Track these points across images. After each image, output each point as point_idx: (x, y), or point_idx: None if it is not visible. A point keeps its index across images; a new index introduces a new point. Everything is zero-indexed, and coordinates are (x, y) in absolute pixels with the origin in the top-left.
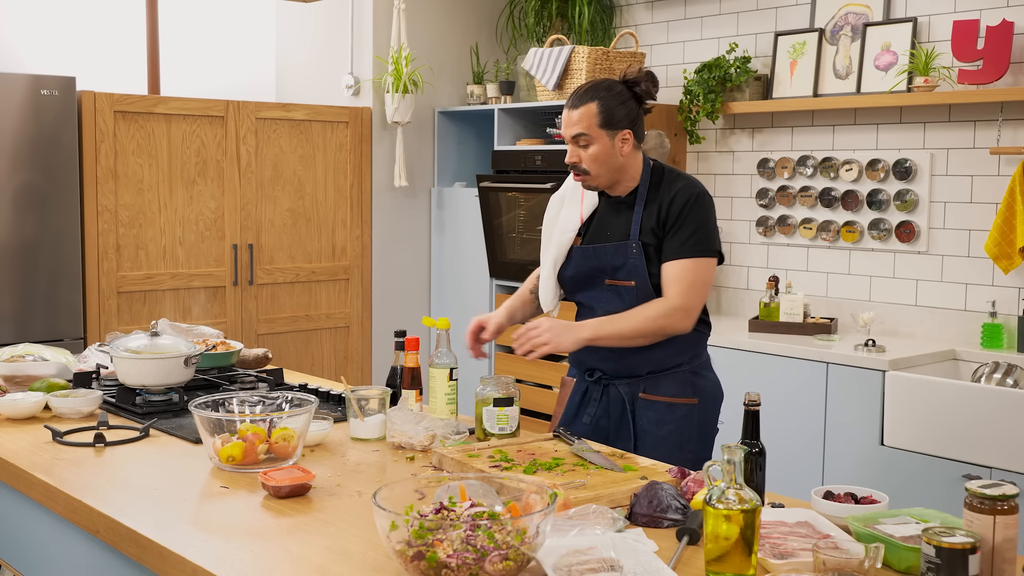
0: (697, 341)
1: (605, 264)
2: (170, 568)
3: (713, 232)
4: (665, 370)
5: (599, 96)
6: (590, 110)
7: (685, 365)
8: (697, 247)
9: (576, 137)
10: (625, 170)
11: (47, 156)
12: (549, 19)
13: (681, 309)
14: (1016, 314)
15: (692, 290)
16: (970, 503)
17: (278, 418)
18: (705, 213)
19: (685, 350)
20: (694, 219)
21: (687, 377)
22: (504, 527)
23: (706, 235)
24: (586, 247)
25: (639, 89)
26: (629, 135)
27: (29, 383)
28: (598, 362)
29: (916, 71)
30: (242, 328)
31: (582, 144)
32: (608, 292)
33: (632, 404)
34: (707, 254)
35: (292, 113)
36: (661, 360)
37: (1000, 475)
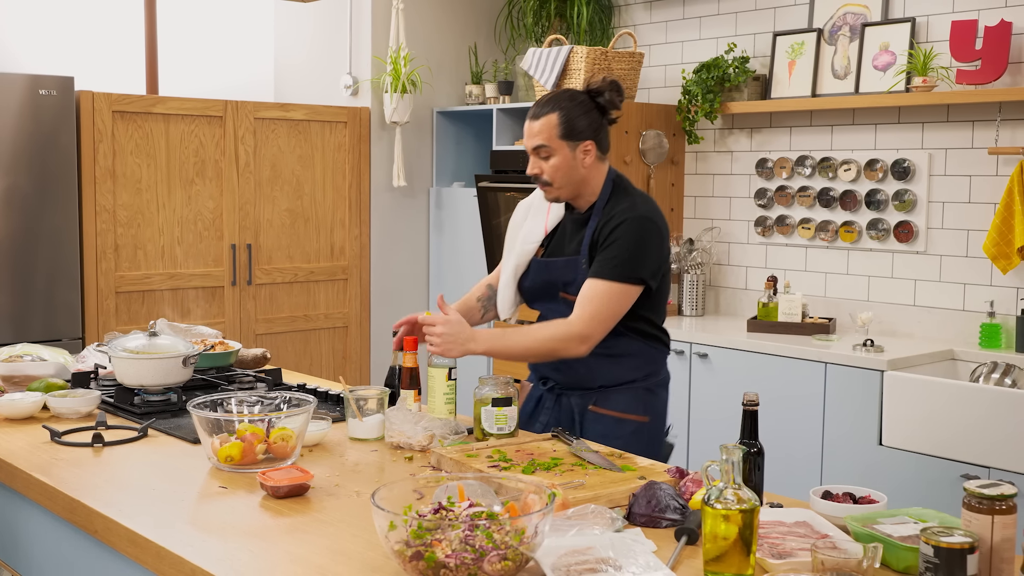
0: (656, 358)
1: (557, 278)
2: (168, 568)
3: (639, 258)
4: (617, 385)
5: (560, 106)
6: (551, 121)
7: (639, 382)
8: (615, 271)
9: (537, 148)
10: (587, 182)
11: (45, 156)
12: (547, 19)
13: (578, 336)
14: (1014, 314)
15: (596, 317)
16: (968, 503)
17: (276, 418)
18: (636, 238)
19: (641, 367)
20: (622, 242)
21: (640, 394)
22: (503, 527)
23: (629, 260)
24: (542, 260)
25: (602, 99)
26: (591, 146)
27: (27, 383)
28: (550, 371)
29: (914, 71)
30: (240, 328)
31: (543, 156)
32: (563, 304)
33: (582, 416)
34: (624, 279)
35: (290, 113)
36: (614, 375)
37: (998, 475)
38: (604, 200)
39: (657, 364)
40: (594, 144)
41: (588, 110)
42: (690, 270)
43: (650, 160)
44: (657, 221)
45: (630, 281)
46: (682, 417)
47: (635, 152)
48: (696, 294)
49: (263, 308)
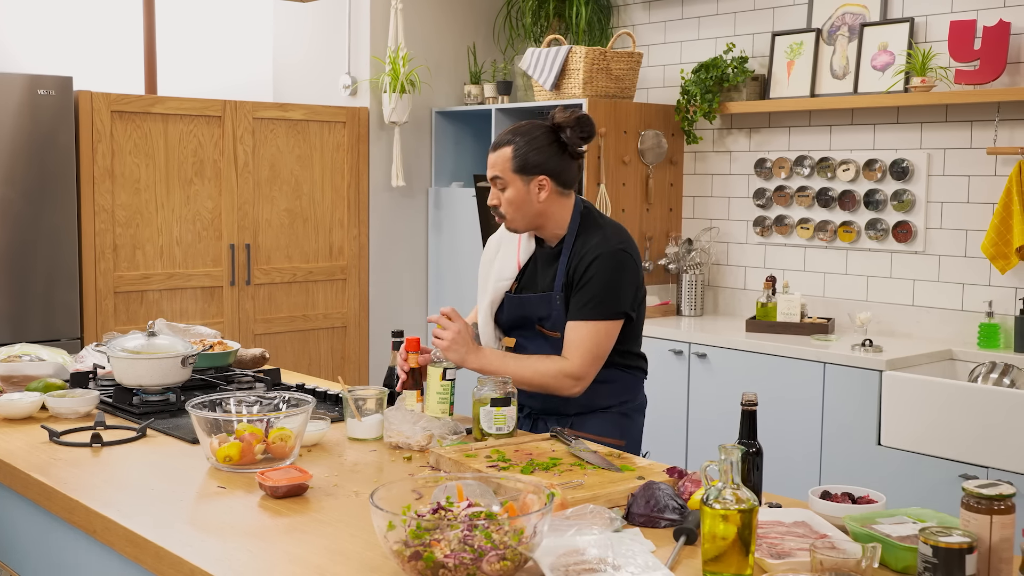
0: (632, 384)
1: (531, 313)
2: (167, 568)
3: (618, 293)
4: (593, 411)
5: (515, 140)
6: (504, 154)
7: (615, 408)
8: (597, 310)
9: (493, 179)
10: (547, 216)
11: (44, 156)
12: (546, 19)
13: (574, 376)
14: (1013, 314)
15: (588, 357)
16: (967, 503)
17: (275, 418)
18: (612, 273)
19: (617, 393)
20: (598, 280)
21: (615, 419)
22: (501, 527)
23: (608, 297)
24: (515, 296)
25: (564, 136)
26: (546, 181)
27: (26, 383)
28: (526, 399)
29: (913, 71)
30: (239, 328)
31: (499, 187)
32: (540, 337)
33: None
34: (608, 316)
35: (289, 113)
36: (590, 402)
37: (997, 475)
38: (574, 234)
39: (633, 390)
40: (549, 179)
41: (543, 145)
42: (689, 270)
43: (649, 160)
44: (629, 251)
45: (613, 317)
46: (680, 417)
47: (634, 152)
48: (695, 294)
49: (262, 308)
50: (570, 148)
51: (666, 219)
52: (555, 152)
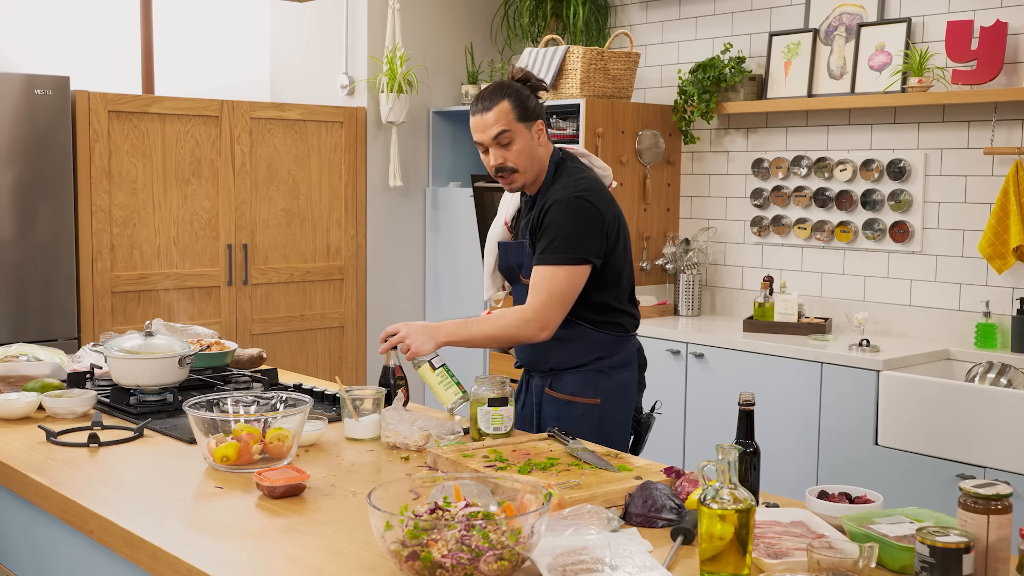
0: (608, 342)
1: (513, 262)
2: (164, 568)
3: (576, 239)
4: (567, 368)
5: (509, 93)
6: (503, 107)
7: (589, 365)
8: (554, 255)
9: (498, 136)
10: (543, 163)
11: (41, 156)
12: (544, 19)
13: (535, 321)
14: (1010, 314)
15: (549, 302)
16: (964, 503)
17: (272, 418)
18: (569, 219)
19: (588, 351)
20: (555, 225)
21: (589, 377)
22: (499, 527)
23: (567, 242)
24: (502, 244)
25: (532, 84)
26: (542, 125)
27: (23, 383)
28: (518, 351)
29: (910, 71)
30: (236, 328)
31: (504, 142)
32: (523, 288)
33: (540, 398)
34: (568, 262)
35: (287, 113)
36: (562, 359)
37: (994, 475)
38: (548, 182)
39: (609, 348)
40: (543, 123)
41: (530, 94)
42: (686, 270)
43: (646, 160)
44: (591, 199)
45: (572, 262)
46: (678, 417)
47: (631, 152)
48: (692, 294)
49: (259, 308)
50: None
51: (663, 219)
52: (537, 100)
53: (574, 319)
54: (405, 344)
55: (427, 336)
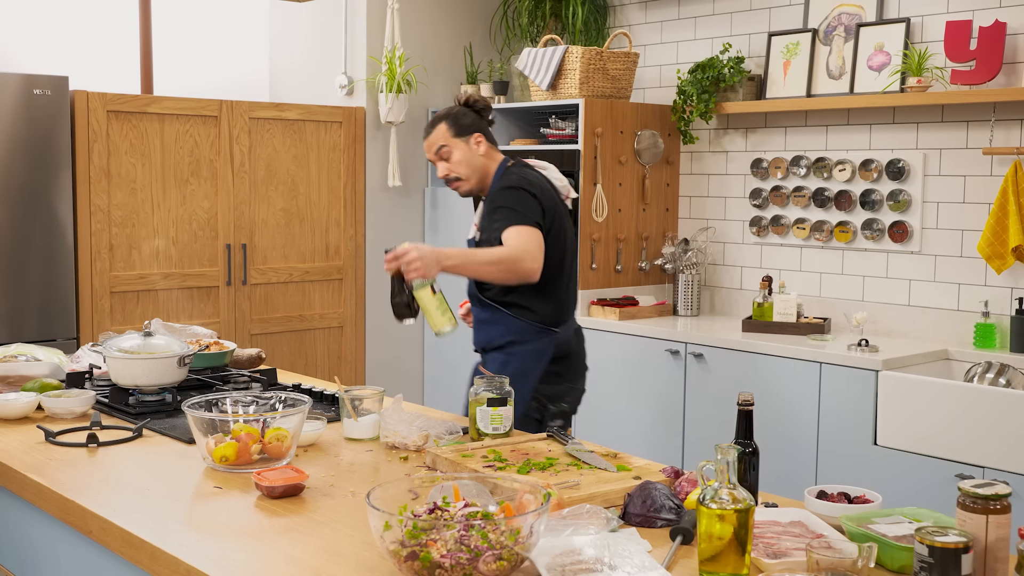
0: (518, 327)
1: None
2: (163, 568)
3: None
4: (490, 349)
5: (445, 116)
6: (440, 129)
7: (505, 347)
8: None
9: (438, 151)
10: (487, 170)
11: (40, 156)
12: (543, 19)
13: (521, 249)
14: (1008, 314)
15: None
16: (963, 502)
17: (271, 418)
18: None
19: (503, 333)
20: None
21: (500, 357)
22: (498, 527)
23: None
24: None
25: (477, 106)
26: (480, 137)
27: (22, 383)
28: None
29: (909, 71)
30: (235, 328)
31: (445, 156)
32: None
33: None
34: (520, 222)
35: (285, 113)
36: (484, 339)
37: (993, 475)
38: (494, 184)
39: (520, 333)
40: (481, 135)
41: (467, 113)
42: (685, 270)
43: (645, 160)
44: (526, 187)
45: (525, 223)
46: (677, 417)
47: (630, 152)
48: (691, 294)
49: (258, 308)
50: (483, 114)
51: (662, 219)
52: (476, 117)
53: (494, 304)
54: (414, 264)
55: (434, 260)
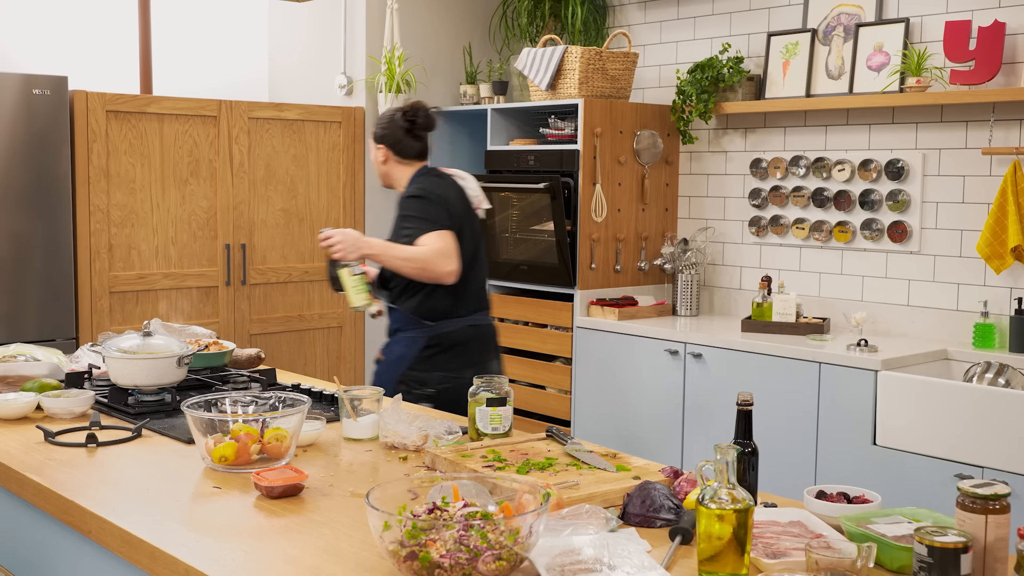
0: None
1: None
2: (162, 569)
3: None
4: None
5: (377, 122)
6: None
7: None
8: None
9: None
10: (391, 178)
11: (39, 156)
12: (542, 19)
13: (438, 253)
14: (1008, 314)
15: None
16: (962, 502)
17: (271, 418)
18: (417, 205)
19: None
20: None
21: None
22: (497, 527)
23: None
24: None
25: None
26: (383, 148)
27: (21, 383)
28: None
29: (908, 71)
30: (235, 328)
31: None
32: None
33: None
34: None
35: (285, 113)
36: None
37: (992, 474)
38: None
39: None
40: (386, 148)
41: (389, 123)
42: (684, 270)
43: (645, 160)
44: (428, 195)
45: (438, 228)
46: (676, 417)
47: (630, 152)
48: (690, 294)
49: (257, 308)
50: (413, 126)
51: (662, 219)
52: (396, 130)
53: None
54: (336, 247)
55: (355, 246)
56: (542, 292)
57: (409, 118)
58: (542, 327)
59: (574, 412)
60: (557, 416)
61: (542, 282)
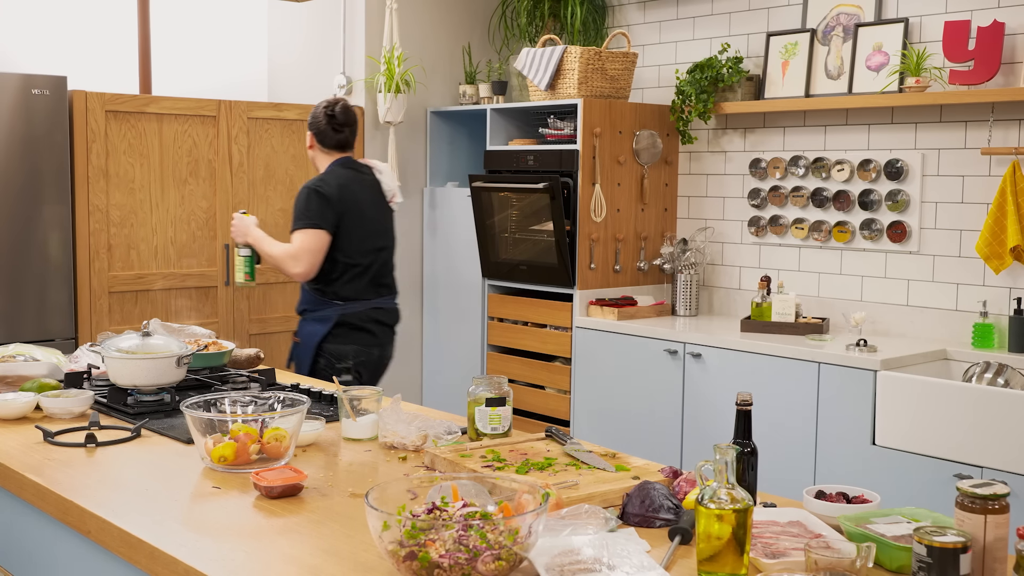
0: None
1: None
2: (161, 568)
3: (306, 212)
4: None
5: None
6: None
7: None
8: (296, 223)
9: None
10: (316, 163)
11: (38, 156)
12: (541, 19)
13: (290, 256)
14: (1007, 314)
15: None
16: (961, 502)
17: (270, 418)
18: (300, 200)
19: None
20: (295, 205)
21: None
22: (496, 527)
23: (297, 216)
24: None
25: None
26: (311, 136)
27: (20, 383)
28: None
29: (907, 71)
30: (234, 328)
31: None
32: None
33: None
34: (300, 227)
35: (284, 113)
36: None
37: (991, 474)
38: None
39: (314, 304)
40: (312, 136)
41: (319, 114)
42: (684, 270)
43: (644, 160)
44: (319, 188)
45: (304, 227)
46: (675, 417)
47: (629, 152)
48: (690, 294)
49: (256, 308)
50: (331, 121)
51: (661, 219)
52: (322, 120)
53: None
54: (231, 231)
55: (242, 233)
56: (541, 292)
57: (329, 112)
58: (541, 327)
59: (573, 412)
60: (556, 416)
61: (541, 282)
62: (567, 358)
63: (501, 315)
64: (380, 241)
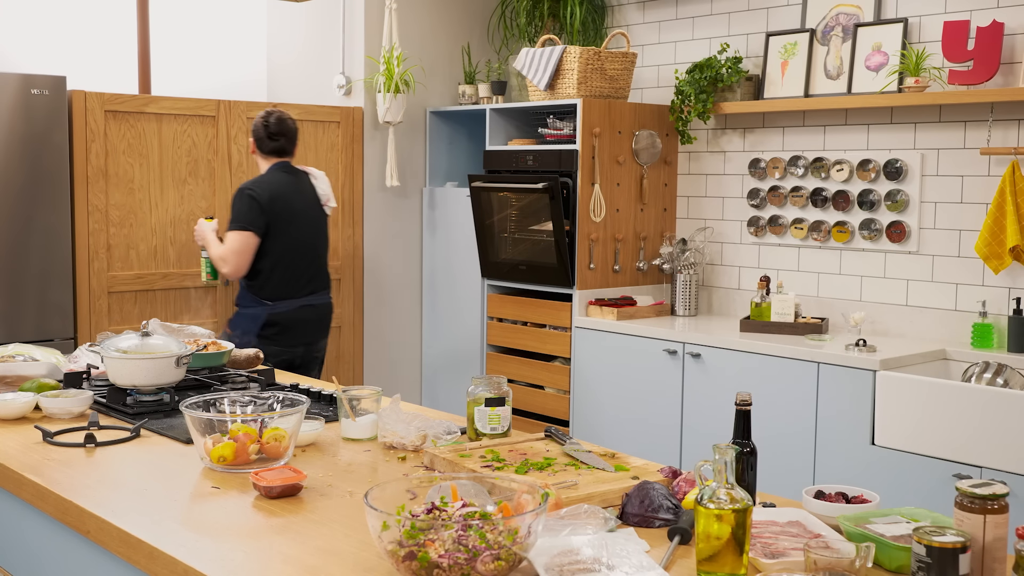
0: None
1: None
2: (161, 568)
3: (238, 215)
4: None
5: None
6: None
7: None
8: (231, 225)
9: None
10: (256, 165)
11: (37, 156)
12: (541, 19)
13: (219, 257)
14: (1006, 314)
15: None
16: (960, 502)
17: (269, 418)
18: (235, 202)
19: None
20: (232, 206)
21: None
22: (496, 527)
23: (233, 218)
24: None
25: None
26: (251, 141)
27: (19, 383)
28: None
29: (907, 71)
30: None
31: None
32: None
33: None
34: (235, 228)
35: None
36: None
37: (990, 474)
38: None
39: (245, 301)
40: (253, 142)
41: (256, 123)
42: (683, 270)
43: (643, 160)
44: (250, 190)
45: (236, 229)
46: (675, 417)
47: (628, 152)
48: (689, 294)
49: None
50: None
51: (660, 219)
52: (260, 129)
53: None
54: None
55: (200, 236)
56: (541, 292)
57: (265, 122)
58: (541, 327)
59: (573, 412)
60: (556, 416)
61: (541, 282)
62: (566, 358)
63: (500, 315)
64: (311, 242)
